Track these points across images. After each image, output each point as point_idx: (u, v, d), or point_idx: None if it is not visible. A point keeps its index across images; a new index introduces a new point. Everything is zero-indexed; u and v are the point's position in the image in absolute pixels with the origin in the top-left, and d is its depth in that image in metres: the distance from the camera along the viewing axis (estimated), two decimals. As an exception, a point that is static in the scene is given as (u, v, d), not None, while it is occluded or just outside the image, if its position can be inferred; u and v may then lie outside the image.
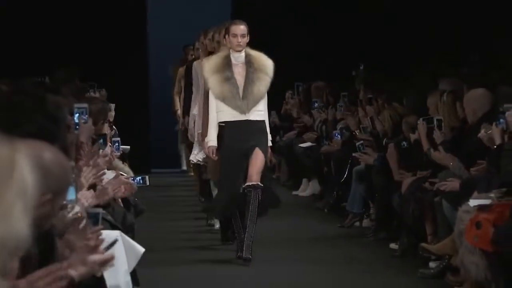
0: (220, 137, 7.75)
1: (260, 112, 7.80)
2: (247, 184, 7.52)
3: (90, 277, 3.01)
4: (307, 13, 15.06)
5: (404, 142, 8.67)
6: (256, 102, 7.73)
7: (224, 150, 7.75)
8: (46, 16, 14.70)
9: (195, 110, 8.90)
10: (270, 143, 7.97)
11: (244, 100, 7.69)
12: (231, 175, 7.67)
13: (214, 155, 7.78)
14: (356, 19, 14.34)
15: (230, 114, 7.71)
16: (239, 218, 7.72)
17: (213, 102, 7.76)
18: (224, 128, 7.73)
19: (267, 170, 7.98)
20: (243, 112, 7.69)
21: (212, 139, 7.77)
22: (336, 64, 13.97)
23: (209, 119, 7.81)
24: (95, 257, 2.93)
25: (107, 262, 2.96)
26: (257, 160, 7.60)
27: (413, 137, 8.36)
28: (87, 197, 4.94)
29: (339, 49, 14.34)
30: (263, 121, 7.83)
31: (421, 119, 8.08)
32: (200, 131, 8.39)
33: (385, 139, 9.47)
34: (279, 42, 14.06)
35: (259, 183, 7.53)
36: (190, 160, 9.95)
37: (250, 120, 7.72)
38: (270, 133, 8.05)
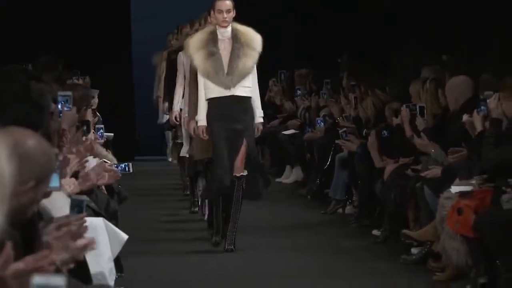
0: (208, 116, 7.66)
1: (247, 88, 7.64)
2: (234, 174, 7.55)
3: (73, 263, 3.01)
4: (291, 0, 15.07)
5: (384, 131, 8.70)
6: (242, 77, 7.58)
7: (211, 128, 7.63)
8: (29, 3, 14.62)
9: (178, 104, 8.73)
10: (261, 119, 7.86)
11: (229, 76, 7.56)
12: (222, 154, 7.57)
13: (204, 135, 7.67)
14: (340, 5, 14.33)
15: (215, 91, 7.59)
16: (221, 206, 7.69)
17: (201, 79, 7.66)
18: (210, 105, 7.63)
19: (254, 158, 7.89)
20: (227, 87, 7.56)
21: (201, 118, 7.66)
22: (320, 52, 13.98)
23: (199, 97, 7.69)
24: (77, 242, 2.94)
25: (88, 246, 2.97)
26: (242, 151, 7.57)
27: (395, 121, 8.40)
28: (70, 184, 4.94)
29: (323, 37, 14.34)
30: (250, 98, 7.69)
31: (404, 105, 8.12)
32: (187, 115, 8.27)
33: (364, 130, 9.50)
34: (263, 29, 14.04)
35: (242, 173, 7.54)
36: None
37: (235, 96, 7.59)
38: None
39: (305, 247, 8.13)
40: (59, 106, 5.78)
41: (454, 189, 6.28)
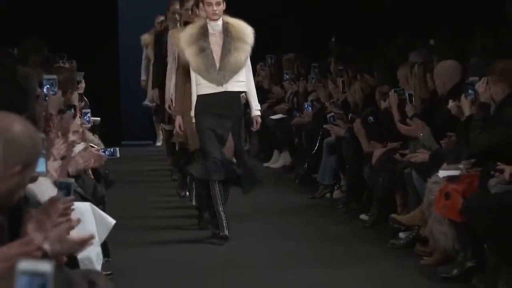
0: (197, 109, 7.56)
1: (240, 83, 7.53)
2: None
3: (67, 256, 3.00)
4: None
5: (370, 117, 8.70)
6: (234, 72, 7.47)
7: (198, 118, 7.53)
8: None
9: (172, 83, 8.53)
10: (258, 112, 7.79)
11: (221, 72, 7.43)
12: (210, 139, 7.48)
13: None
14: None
15: (207, 87, 7.48)
16: (218, 191, 7.53)
17: (193, 74, 7.54)
18: (201, 99, 7.52)
19: (242, 147, 7.84)
20: (220, 84, 7.45)
21: (193, 114, 7.60)
22: (308, 36, 13.97)
23: (192, 92, 7.60)
24: (75, 237, 2.92)
25: (87, 241, 2.94)
26: (228, 146, 7.57)
27: (383, 105, 8.41)
28: (55, 168, 4.92)
29: (311, 21, 14.32)
30: (244, 92, 7.58)
31: (392, 90, 8.13)
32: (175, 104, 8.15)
33: (350, 115, 9.50)
34: (250, 13, 14.00)
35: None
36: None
37: (228, 92, 7.49)
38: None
39: (293, 232, 8.14)
40: (45, 90, 5.75)
41: (442, 173, 6.30)
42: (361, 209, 8.81)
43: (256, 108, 7.75)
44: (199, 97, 7.53)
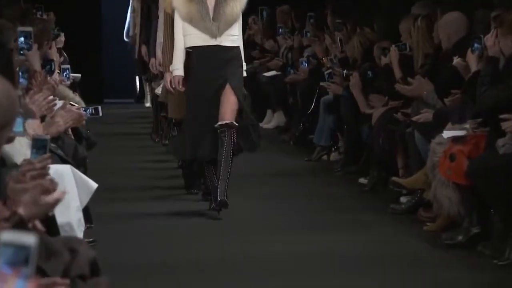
0: (186, 65, 7.18)
1: (233, 37, 7.20)
2: (219, 123, 7.01)
3: (43, 218, 3.00)
4: None
5: (369, 72, 8.68)
6: (229, 24, 7.13)
7: (191, 81, 7.18)
8: None
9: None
10: (245, 73, 7.38)
11: (215, 22, 7.10)
12: (199, 113, 7.13)
13: (180, 86, 7.20)
14: None
15: (198, 38, 7.11)
16: (211, 167, 7.19)
17: (179, 24, 7.14)
18: (192, 54, 7.17)
19: (245, 109, 7.40)
20: (213, 36, 7.10)
21: (178, 67, 7.17)
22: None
23: (175, 43, 7.19)
24: (48, 198, 2.91)
25: (59, 201, 2.95)
26: (229, 98, 7.06)
27: (384, 60, 8.38)
28: (34, 128, 4.90)
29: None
30: (238, 47, 7.26)
31: (393, 45, 8.10)
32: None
33: (345, 70, 9.47)
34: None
35: (233, 122, 7.05)
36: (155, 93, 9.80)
37: (222, 46, 7.14)
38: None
39: (288, 197, 8.16)
40: (20, 43, 5.71)
41: (446, 133, 6.29)
42: (359, 172, 8.82)
43: (243, 68, 7.35)
44: (189, 50, 7.18)
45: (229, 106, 7.10)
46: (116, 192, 8.16)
